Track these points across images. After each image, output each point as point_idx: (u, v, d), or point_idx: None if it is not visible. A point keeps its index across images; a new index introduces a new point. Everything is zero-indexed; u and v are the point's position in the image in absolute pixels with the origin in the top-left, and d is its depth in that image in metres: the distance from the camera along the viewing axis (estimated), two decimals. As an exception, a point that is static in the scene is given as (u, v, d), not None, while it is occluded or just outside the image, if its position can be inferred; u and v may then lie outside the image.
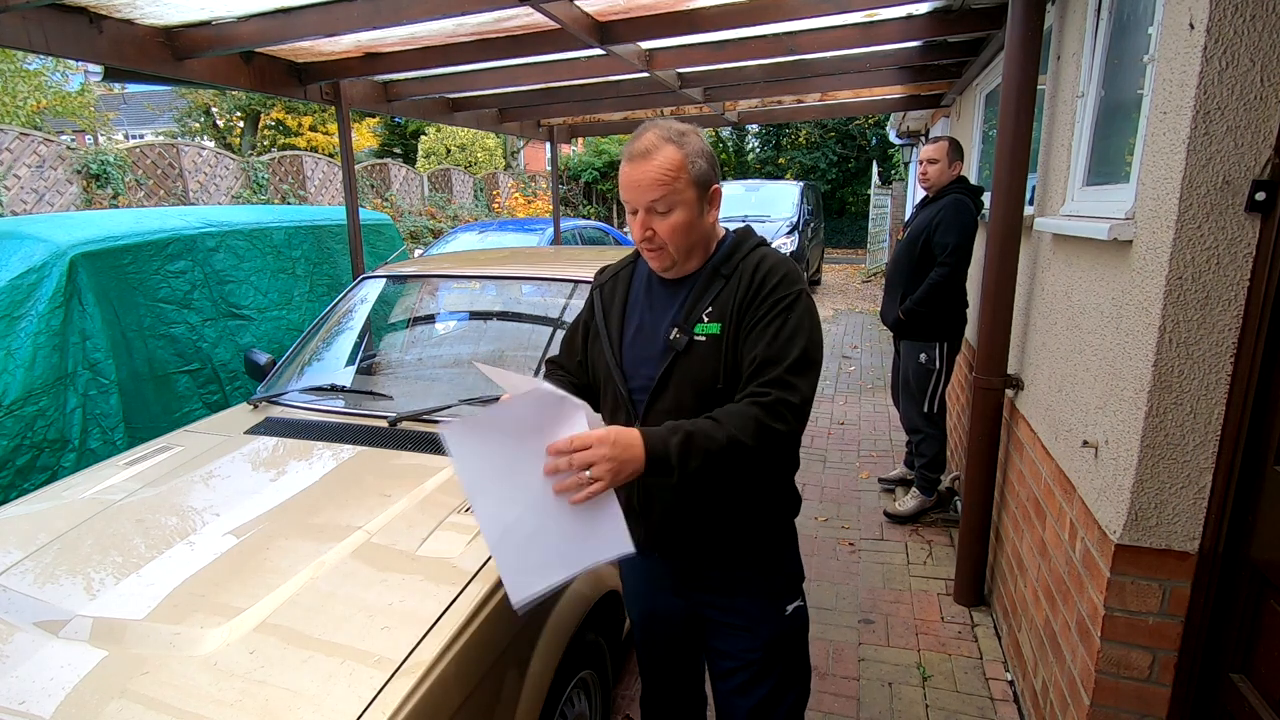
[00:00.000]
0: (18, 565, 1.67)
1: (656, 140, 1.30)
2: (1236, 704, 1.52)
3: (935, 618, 2.89)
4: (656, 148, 1.30)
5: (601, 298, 1.54)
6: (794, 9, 2.98)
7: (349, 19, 2.83)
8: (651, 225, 1.32)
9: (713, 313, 1.36)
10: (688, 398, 1.37)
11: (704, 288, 1.39)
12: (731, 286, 1.37)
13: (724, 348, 1.35)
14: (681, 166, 1.30)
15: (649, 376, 1.40)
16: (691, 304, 1.39)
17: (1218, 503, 1.54)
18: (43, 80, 12.68)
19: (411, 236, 12.56)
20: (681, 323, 1.38)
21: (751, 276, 1.36)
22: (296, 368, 2.79)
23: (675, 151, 1.30)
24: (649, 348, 1.42)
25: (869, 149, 20.26)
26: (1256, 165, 1.40)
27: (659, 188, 1.29)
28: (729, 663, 1.54)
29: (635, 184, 1.31)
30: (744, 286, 1.35)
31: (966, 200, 3.36)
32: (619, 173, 1.36)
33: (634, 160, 1.31)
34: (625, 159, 1.33)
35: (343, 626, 1.41)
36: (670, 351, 1.38)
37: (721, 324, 1.35)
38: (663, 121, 1.34)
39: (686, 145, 1.31)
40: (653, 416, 1.39)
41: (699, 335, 1.36)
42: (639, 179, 1.30)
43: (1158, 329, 1.52)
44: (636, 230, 1.34)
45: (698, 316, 1.37)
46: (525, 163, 22.37)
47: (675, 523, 1.45)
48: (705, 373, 1.35)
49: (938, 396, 3.54)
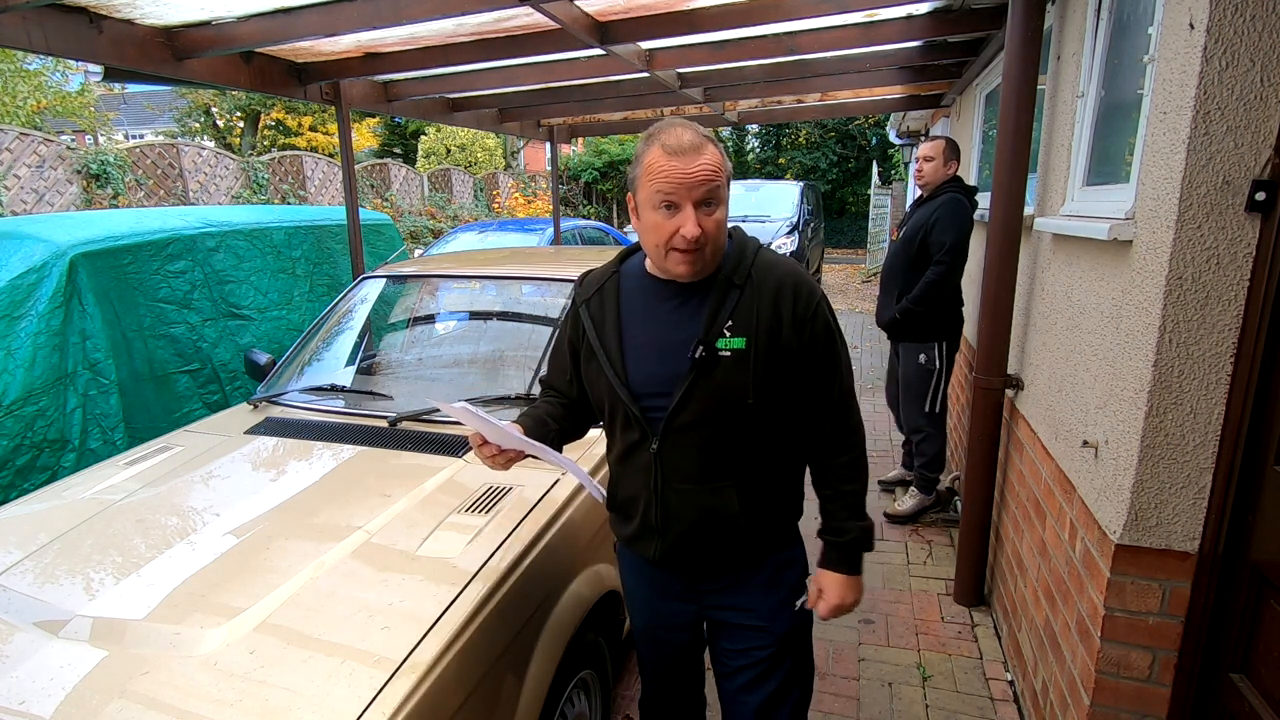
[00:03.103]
0: (18, 565, 1.67)
1: (699, 137, 1.28)
2: (1236, 704, 1.51)
3: (935, 618, 2.89)
4: (704, 143, 1.27)
5: (590, 314, 1.47)
6: (794, 9, 2.98)
7: (349, 19, 2.83)
8: (702, 222, 1.26)
9: (734, 326, 1.34)
10: (710, 412, 1.35)
11: (720, 299, 1.35)
12: (749, 299, 1.35)
13: (753, 363, 1.33)
14: (723, 163, 1.30)
15: (666, 393, 1.36)
16: (711, 317, 1.34)
17: (1218, 503, 1.54)
18: (43, 80, 12.68)
19: (411, 236, 12.56)
20: (704, 337, 1.34)
21: (775, 297, 1.35)
22: (296, 368, 2.79)
23: (716, 149, 1.30)
24: (664, 364, 1.37)
25: (869, 149, 20.26)
26: (1256, 165, 1.40)
27: (711, 181, 1.26)
28: (739, 660, 1.53)
29: (689, 178, 1.24)
30: (771, 306, 1.35)
31: (962, 199, 3.36)
32: (648, 169, 1.28)
33: (683, 155, 1.25)
34: (667, 154, 1.25)
35: (343, 626, 1.41)
36: (694, 368, 1.34)
37: (747, 339, 1.33)
38: (681, 119, 1.33)
39: (718, 144, 1.32)
40: (672, 433, 1.37)
41: (723, 350, 1.34)
42: (694, 173, 1.25)
43: (1158, 329, 1.52)
44: (688, 228, 1.25)
45: (718, 331, 1.34)
46: (525, 163, 22.37)
47: (696, 540, 1.44)
48: (732, 388, 1.34)
49: (940, 396, 3.54)
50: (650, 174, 1.28)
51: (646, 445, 1.40)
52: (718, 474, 1.39)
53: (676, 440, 1.38)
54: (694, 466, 1.39)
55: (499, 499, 1.87)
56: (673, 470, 1.40)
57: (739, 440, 1.38)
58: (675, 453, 1.39)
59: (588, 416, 1.61)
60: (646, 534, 1.47)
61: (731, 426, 1.37)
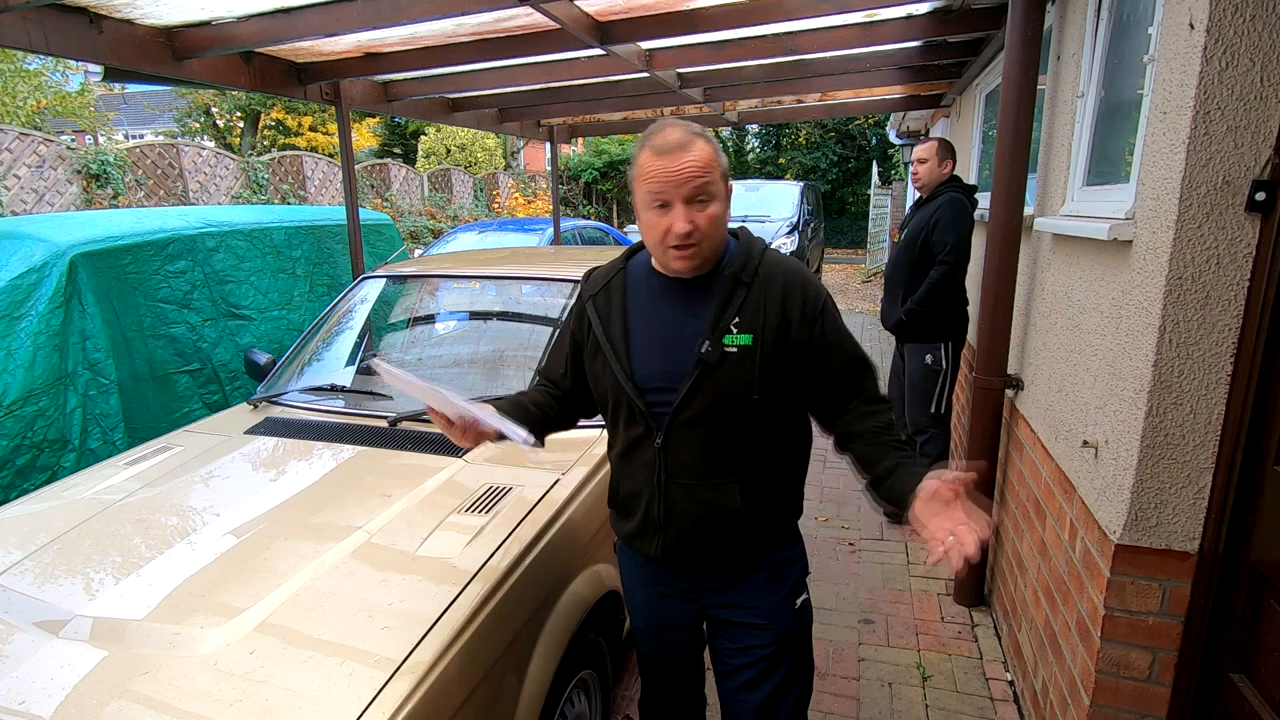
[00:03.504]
0: (18, 565, 1.67)
1: (687, 135, 1.29)
2: (1236, 704, 1.51)
3: (935, 618, 2.89)
4: (691, 140, 1.28)
5: (596, 309, 1.48)
6: (794, 9, 2.98)
7: (349, 19, 2.83)
8: (693, 219, 1.28)
9: (740, 323, 1.35)
10: (715, 408, 1.36)
11: (727, 296, 1.36)
12: (756, 297, 1.36)
13: (759, 360, 1.34)
14: (714, 159, 1.30)
15: (671, 388, 1.38)
16: (717, 314, 1.35)
17: (1218, 503, 1.54)
18: (43, 80, 12.69)
19: (411, 236, 12.56)
20: (709, 334, 1.35)
21: (783, 295, 1.36)
22: (296, 368, 2.79)
23: (707, 145, 1.30)
24: (669, 360, 1.38)
25: (869, 149, 20.26)
26: (1256, 165, 1.40)
27: (700, 177, 1.27)
28: (739, 659, 1.53)
29: (675, 176, 1.27)
30: (776, 303, 1.36)
31: (962, 198, 3.37)
32: (640, 171, 1.31)
33: (670, 154, 1.27)
34: (654, 154, 1.28)
35: (343, 627, 1.41)
36: (700, 364, 1.35)
37: (753, 336, 1.34)
38: (676, 119, 1.34)
39: (711, 141, 1.32)
40: (677, 429, 1.38)
41: (729, 346, 1.35)
42: (680, 170, 1.26)
43: (1158, 329, 1.52)
44: (678, 224, 1.27)
45: (725, 327, 1.35)
46: (525, 163, 22.37)
47: (698, 537, 1.44)
48: (737, 384, 1.35)
49: (945, 396, 3.54)
50: (642, 175, 1.31)
51: (650, 441, 1.41)
52: (721, 470, 1.40)
53: (681, 436, 1.38)
54: (698, 462, 1.39)
55: (499, 499, 1.87)
56: (676, 466, 1.40)
57: (743, 436, 1.39)
58: (679, 448, 1.39)
59: (576, 410, 1.62)
60: (649, 530, 1.47)
61: (736, 423, 1.37)
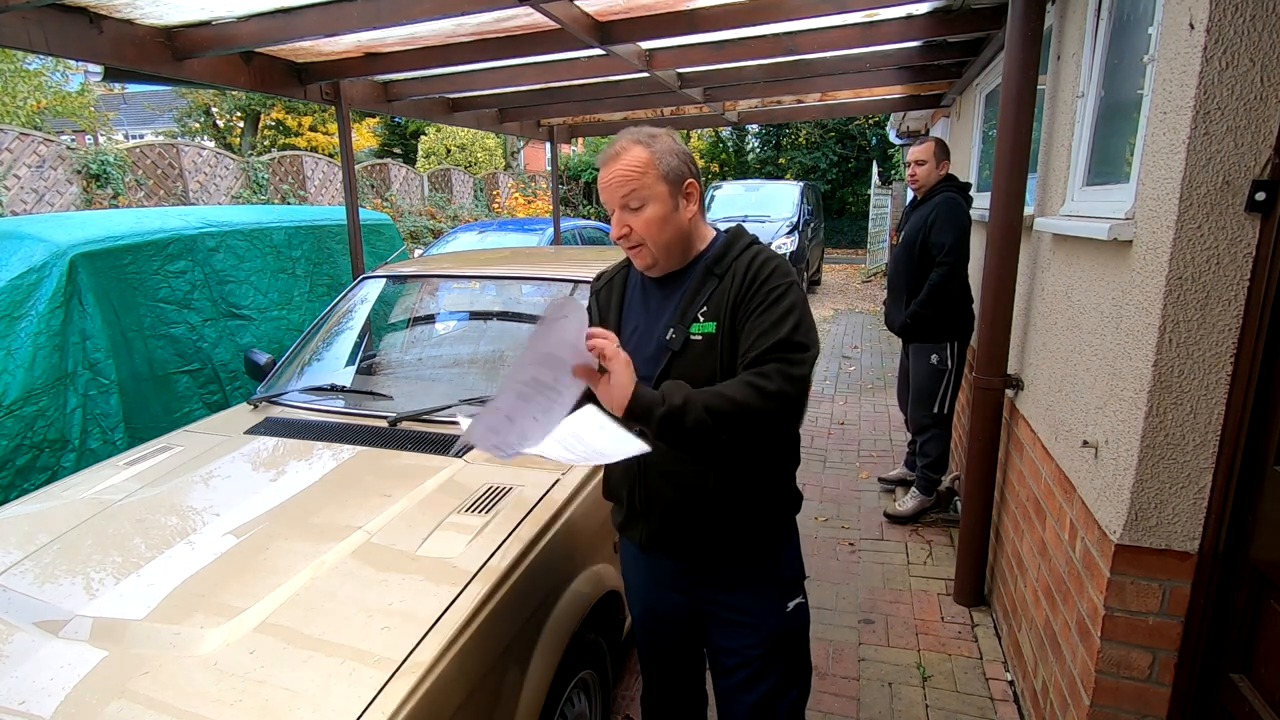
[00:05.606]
0: (18, 565, 1.67)
1: (626, 143, 1.38)
2: (1236, 704, 1.51)
3: (935, 618, 2.89)
4: (625, 149, 1.37)
5: (598, 302, 1.59)
6: (794, 9, 2.98)
7: (349, 19, 2.83)
8: (627, 221, 1.37)
9: (707, 311, 1.39)
10: None
11: (698, 287, 1.42)
12: (725, 285, 1.39)
13: (720, 345, 1.37)
14: (649, 164, 1.36)
15: (646, 376, 1.41)
16: (686, 303, 1.41)
17: (1218, 503, 1.54)
18: (43, 80, 12.69)
19: (411, 236, 12.56)
20: (676, 323, 1.40)
21: (744, 275, 1.38)
22: (296, 368, 2.79)
23: (642, 150, 1.36)
24: (645, 349, 1.44)
25: (869, 149, 20.24)
26: (1256, 165, 1.40)
27: (627, 184, 1.35)
28: (732, 659, 1.54)
29: (606, 184, 1.38)
30: (737, 284, 1.38)
31: (957, 197, 3.39)
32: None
33: (605, 164, 1.38)
34: (599, 165, 1.40)
35: (343, 626, 1.41)
36: (666, 351, 1.40)
37: (717, 322, 1.38)
38: (636, 128, 1.41)
39: (655, 145, 1.37)
40: None
41: (695, 335, 1.39)
42: (609, 179, 1.37)
43: (1158, 329, 1.52)
44: (614, 228, 1.39)
45: (693, 316, 1.40)
46: (525, 163, 22.37)
47: (677, 521, 1.46)
48: (702, 371, 1.37)
49: (950, 396, 3.54)
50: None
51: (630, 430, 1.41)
52: None
53: None
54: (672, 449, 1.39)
55: (499, 499, 1.88)
56: (654, 453, 1.39)
57: None
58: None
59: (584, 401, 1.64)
60: (633, 519, 1.53)
61: None
